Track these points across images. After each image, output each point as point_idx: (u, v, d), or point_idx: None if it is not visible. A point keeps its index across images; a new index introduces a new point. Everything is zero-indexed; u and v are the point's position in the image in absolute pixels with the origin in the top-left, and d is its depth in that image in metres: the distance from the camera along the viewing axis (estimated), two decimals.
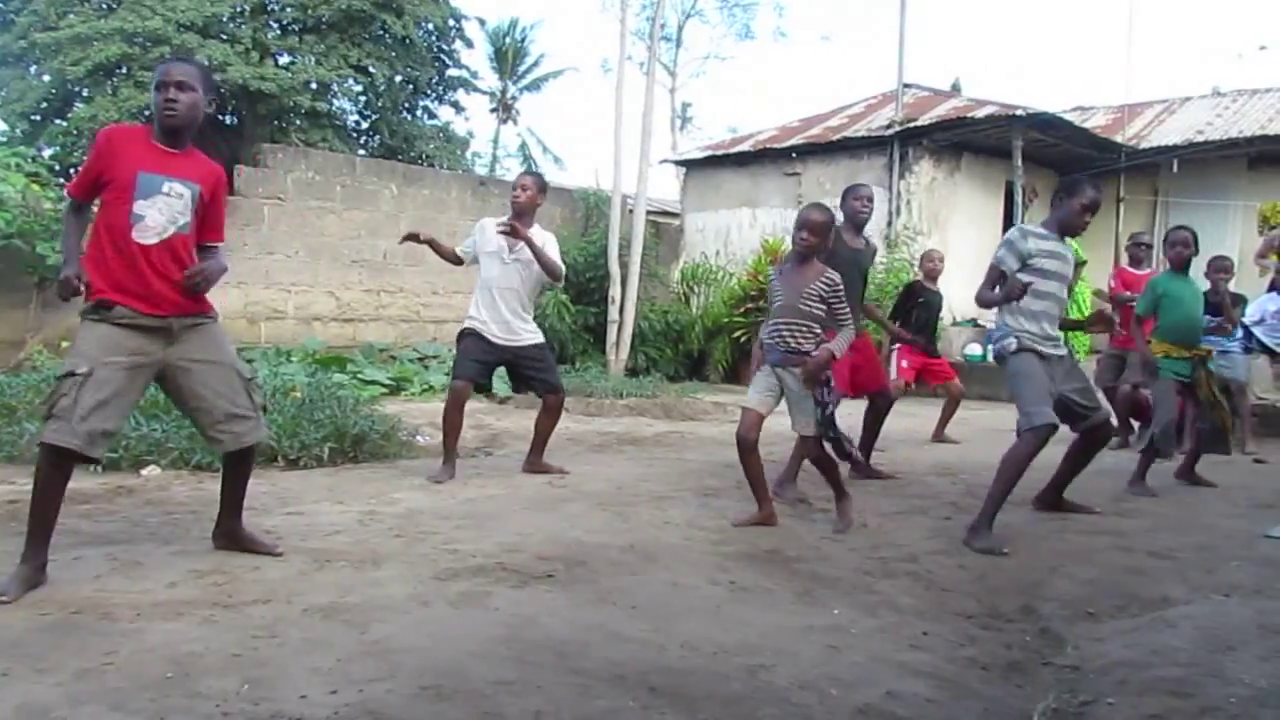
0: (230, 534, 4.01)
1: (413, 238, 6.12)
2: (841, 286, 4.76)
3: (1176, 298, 6.00)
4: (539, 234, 6.04)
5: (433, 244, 6.12)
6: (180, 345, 3.66)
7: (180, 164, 3.64)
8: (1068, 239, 5.01)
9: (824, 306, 4.70)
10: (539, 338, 6.18)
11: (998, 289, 4.86)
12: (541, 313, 12.58)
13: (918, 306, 8.25)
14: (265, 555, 3.92)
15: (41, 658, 2.74)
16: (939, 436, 8.41)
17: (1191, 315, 6.07)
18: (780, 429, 5.27)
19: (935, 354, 8.54)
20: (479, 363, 6.01)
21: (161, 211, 3.56)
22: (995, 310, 4.99)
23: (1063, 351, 4.95)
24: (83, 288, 3.47)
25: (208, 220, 3.78)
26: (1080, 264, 8.68)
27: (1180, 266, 6.11)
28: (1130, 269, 8.56)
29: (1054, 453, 5.26)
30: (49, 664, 2.70)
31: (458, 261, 6.24)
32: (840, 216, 6.15)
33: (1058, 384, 4.85)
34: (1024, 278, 4.76)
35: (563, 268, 6.15)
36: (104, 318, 3.53)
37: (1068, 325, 5.41)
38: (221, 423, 3.76)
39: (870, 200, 6.16)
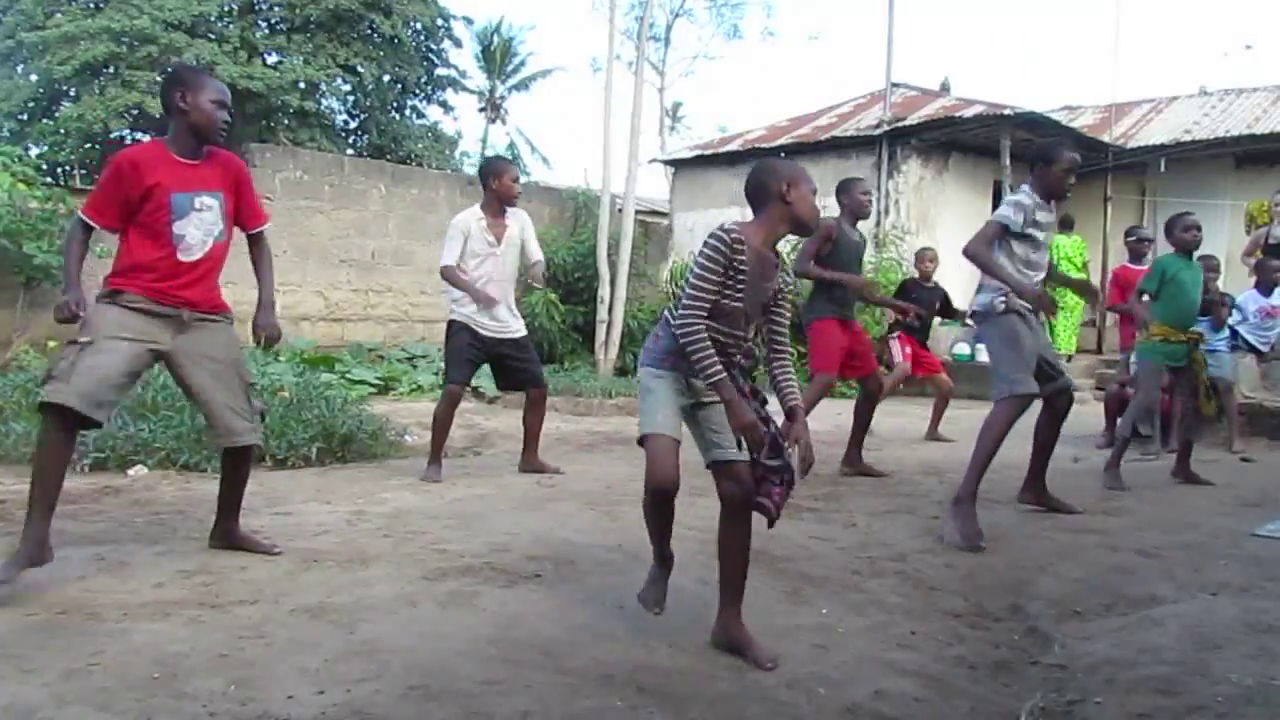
0: (227, 534, 4.03)
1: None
2: None
3: (1181, 282, 6.08)
4: (516, 216, 6.07)
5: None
6: (188, 337, 3.72)
7: (202, 175, 3.71)
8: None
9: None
10: (524, 331, 6.19)
11: (1007, 263, 4.81)
12: (530, 312, 12.57)
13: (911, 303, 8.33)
14: (263, 555, 3.92)
15: (27, 658, 2.73)
16: (933, 434, 8.42)
17: (1193, 300, 6.18)
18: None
19: (924, 344, 8.61)
20: (471, 363, 5.99)
21: (198, 228, 3.68)
22: (981, 274, 5.00)
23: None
24: (81, 314, 3.53)
25: (243, 209, 3.90)
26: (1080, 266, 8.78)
27: (1189, 251, 6.15)
28: (1131, 265, 8.57)
29: (1025, 451, 5.30)
30: (35, 664, 2.68)
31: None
32: (838, 209, 6.24)
33: (1037, 344, 4.90)
34: (1018, 249, 4.81)
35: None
36: (116, 301, 3.61)
37: (1062, 281, 5.45)
38: (220, 419, 3.81)
39: (870, 193, 6.35)
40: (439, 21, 22.91)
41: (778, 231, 3.17)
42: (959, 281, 10.42)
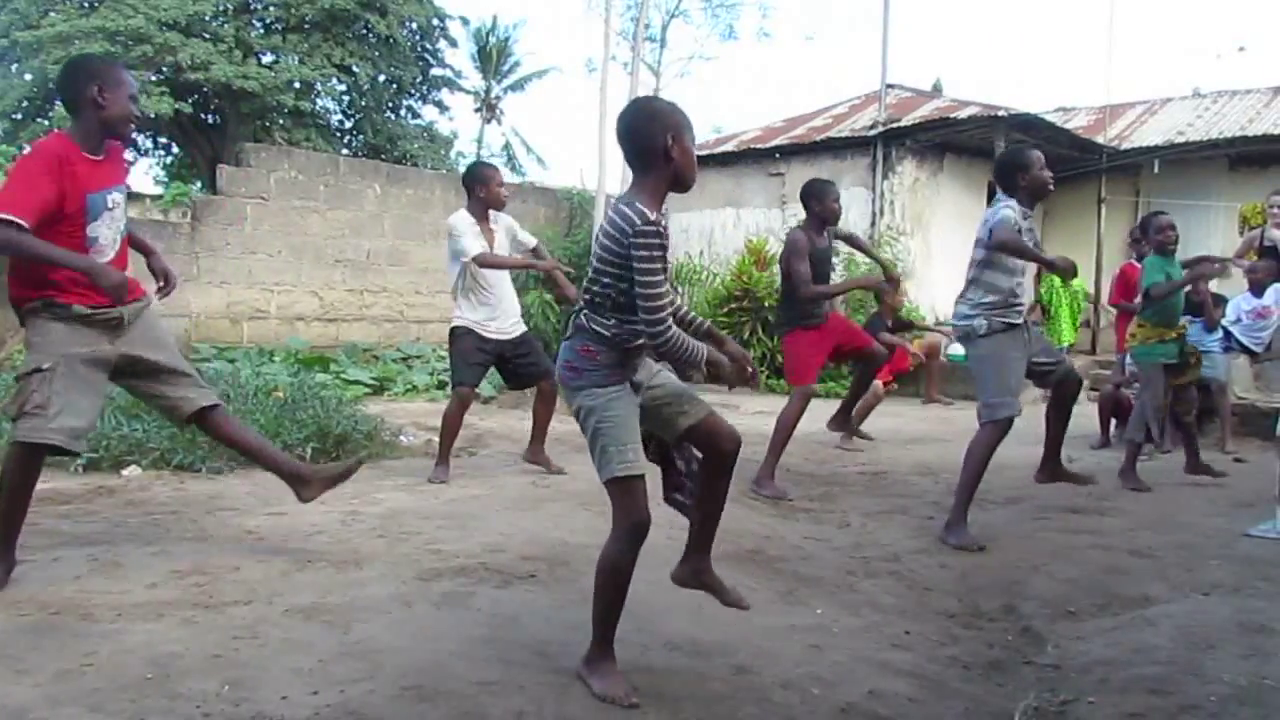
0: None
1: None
2: None
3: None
4: (500, 220, 6.01)
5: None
6: (128, 333, 3.68)
7: (108, 171, 3.62)
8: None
9: None
10: (524, 327, 6.18)
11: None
12: (526, 313, 12.55)
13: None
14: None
15: (20, 659, 2.72)
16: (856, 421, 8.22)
17: (1177, 299, 6.25)
18: (761, 428, 5.26)
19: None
20: (479, 365, 5.98)
21: (109, 227, 3.60)
22: (969, 285, 5.06)
23: (1024, 317, 5.03)
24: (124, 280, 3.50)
25: None
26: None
27: (1168, 252, 6.20)
28: (1136, 263, 8.61)
29: (1021, 451, 5.31)
30: (28, 665, 2.68)
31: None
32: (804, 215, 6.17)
33: (1030, 350, 4.92)
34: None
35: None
36: (57, 315, 3.51)
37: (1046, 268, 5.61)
38: (180, 389, 3.82)
39: (840, 199, 6.15)
40: (434, 21, 22.90)
41: (663, 194, 2.80)
42: (950, 284, 10.42)
